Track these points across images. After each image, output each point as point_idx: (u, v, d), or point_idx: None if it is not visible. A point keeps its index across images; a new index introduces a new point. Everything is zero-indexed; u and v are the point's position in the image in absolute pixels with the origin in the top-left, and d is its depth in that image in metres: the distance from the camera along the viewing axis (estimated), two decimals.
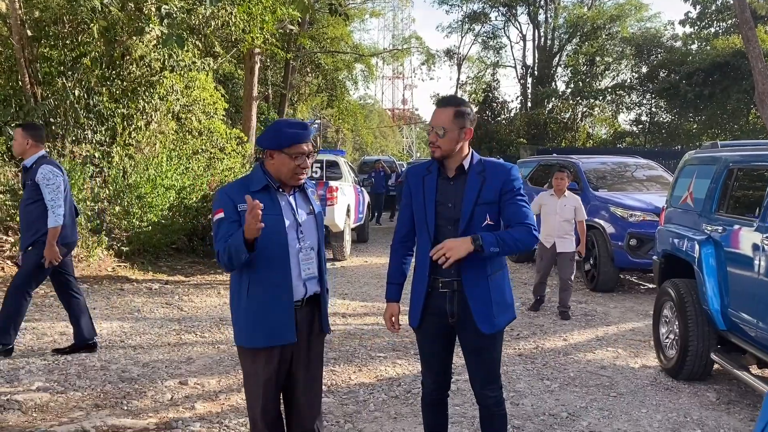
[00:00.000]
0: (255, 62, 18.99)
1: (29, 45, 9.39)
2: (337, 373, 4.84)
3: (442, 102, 2.74)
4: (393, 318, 2.89)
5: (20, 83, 9.34)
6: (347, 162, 13.50)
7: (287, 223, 2.59)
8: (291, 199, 2.66)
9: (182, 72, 11.15)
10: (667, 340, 5.20)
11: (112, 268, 8.45)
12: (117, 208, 9.07)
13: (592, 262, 8.65)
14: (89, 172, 9.06)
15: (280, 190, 2.63)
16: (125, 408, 4.00)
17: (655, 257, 5.77)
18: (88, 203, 8.74)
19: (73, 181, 8.22)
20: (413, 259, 2.95)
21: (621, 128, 26.21)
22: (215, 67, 13.84)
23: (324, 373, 2.89)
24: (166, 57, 10.43)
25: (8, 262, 7.76)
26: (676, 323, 4.98)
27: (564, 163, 10.37)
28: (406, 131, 62.27)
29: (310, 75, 29.11)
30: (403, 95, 65.21)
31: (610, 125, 26.83)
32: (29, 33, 9.41)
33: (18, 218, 7.80)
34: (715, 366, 4.83)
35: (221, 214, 2.54)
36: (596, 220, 8.60)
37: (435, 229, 2.71)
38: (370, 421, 3.96)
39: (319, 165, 12.06)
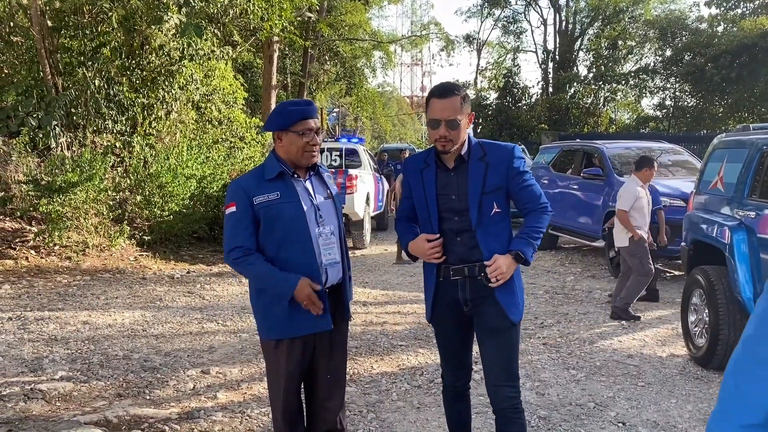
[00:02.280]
0: (273, 51, 18.96)
1: (49, 35, 9.42)
2: (359, 362, 4.80)
3: (445, 91, 2.52)
4: (430, 242, 2.62)
5: (41, 74, 9.38)
6: (366, 150, 13.42)
7: (305, 208, 2.53)
8: (307, 184, 2.61)
9: (201, 61, 11.14)
10: (696, 329, 5.08)
11: (134, 257, 8.49)
12: (138, 198, 9.10)
13: (616, 249, 8.46)
14: (110, 161, 9.09)
15: (296, 176, 2.58)
16: (147, 397, 4.00)
17: (683, 244, 5.63)
18: (110, 193, 8.78)
19: (94, 171, 8.26)
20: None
21: (644, 113, 25.77)
22: (234, 56, 13.82)
23: (348, 364, 2.84)
24: (185, 46, 10.41)
25: (32, 251, 7.82)
26: (706, 311, 4.86)
27: (589, 148, 10.19)
28: (425, 119, 62.02)
29: (328, 63, 29.02)
30: (422, 82, 64.85)
31: (633, 110, 26.40)
32: (49, 23, 9.44)
33: (41, 208, 7.88)
34: None
35: (233, 208, 2.50)
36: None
37: (438, 221, 2.59)
38: (393, 410, 3.91)
39: (338, 153, 12.00)
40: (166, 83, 10.48)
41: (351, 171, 10.43)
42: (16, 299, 6.21)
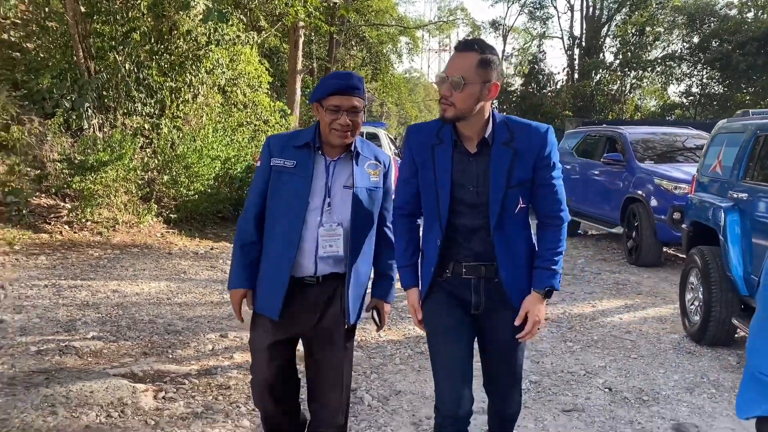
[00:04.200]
0: (299, 36, 19.24)
1: (83, 21, 9.81)
2: (367, 331, 5.10)
3: (464, 45, 2.13)
4: (415, 308, 2.35)
5: (75, 58, 9.79)
6: (387, 134, 13.68)
7: (314, 188, 2.33)
8: (332, 165, 2.38)
9: (227, 46, 11.46)
10: (692, 306, 5.28)
11: (161, 234, 8.89)
12: (165, 178, 9.50)
13: (634, 235, 8.54)
14: (139, 142, 9.49)
15: (320, 152, 2.38)
16: (170, 356, 4.35)
17: (683, 225, 5.82)
18: (139, 172, 9.19)
19: (124, 151, 8.66)
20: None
21: (670, 100, 25.55)
22: (259, 41, 14.13)
23: (357, 333, 2.69)
24: (211, 31, 10.74)
25: (66, 226, 8.27)
26: (701, 289, 5.06)
27: (611, 134, 10.25)
28: None
29: (354, 48, 29.22)
30: None
31: (659, 97, 26.18)
32: (82, 9, 9.83)
33: (74, 186, 8.31)
34: (740, 333, 4.91)
35: (259, 163, 2.47)
36: (639, 192, 8.47)
37: (449, 215, 2.19)
38: (395, 372, 4.21)
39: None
40: (194, 67, 10.84)
41: None
42: (51, 269, 6.64)
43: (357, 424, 3.40)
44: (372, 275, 2.62)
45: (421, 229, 2.38)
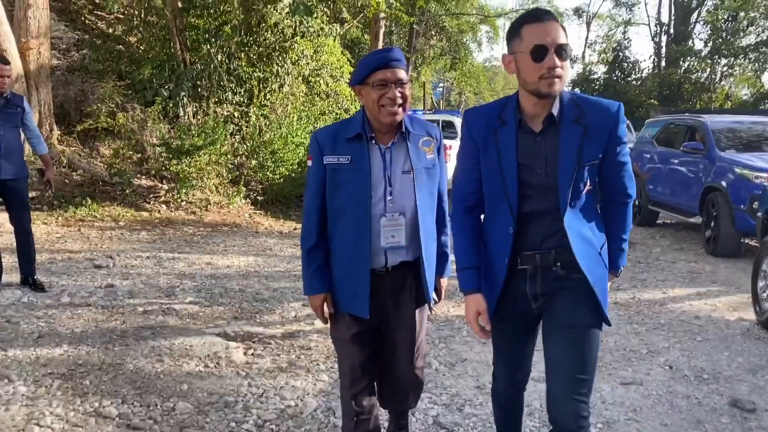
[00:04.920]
0: (380, 27, 19.64)
1: (180, 15, 10.54)
2: (437, 306, 5.41)
3: (546, 13, 1.97)
4: (481, 315, 2.16)
5: (172, 50, 10.54)
6: None
7: (374, 181, 2.27)
8: (387, 153, 2.31)
9: (311, 38, 11.98)
10: (764, 294, 5.28)
11: (249, 214, 9.50)
12: (253, 162, 10.11)
13: (712, 225, 8.42)
14: (230, 129, 10.14)
15: (373, 141, 2.31)
16: (257, 321, 4.81)
17: (759, 213, 5.78)
18: (229, 157, 9.83)
19: (216, 137, 9.30)
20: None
21: (765, 89, 24.34)
22: (342, 32, 14.58)
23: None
24: (297, 24, 11.27)
25: (163, 206, 8.99)
26: None
27: (692, 122, 10.05)
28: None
29: (434, 38, 29.33)
30: None
31: (752, 85, 24.99)
32: (180, 4, 10.56)
33: (171, 168, 9.01)
34: None
35: (310, 162, 2.37)
36: (719, 181, 8.34)
37: (518, 200, 2.05)
38: (462, 344, 4.50)
39: (436, 124, 12.55)
40: (280, 59, 11.41)
41: (446, 141, 10.95)
42: (152, 243, 7.30)
43: (426, 387, 3.71)
44: None
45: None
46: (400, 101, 2.23)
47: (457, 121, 12.98)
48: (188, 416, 3.13)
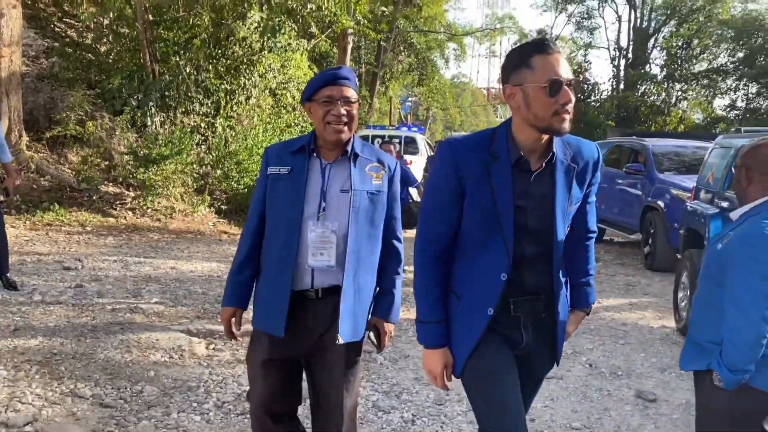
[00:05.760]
0: (348, 42, 20.15)
1: (150, 27, 10.86)
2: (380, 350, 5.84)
3: (553, 45, 1.84)
4: (447, 369, 1.98)
5: (142, 61, 10.85)
6: (425, 139, 14.41)
7: (309, 194, 2.20)
8: (328, 168, 2.24)
9: (279, 52, 12.39)
10: (682, 303, 5.86)
11: (213, 223, 9.84)
12: (218, 172, 10.45)
13: (650, 242, 9.02)
14: (196, 139, 10.48)
15: (315, 155, 2.26)
16: (219, 320, 5.16)
17: (681, 231, 6.38)
18: (194, 166, 10.17)
19: (182, 147, 9.63)
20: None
21: (715, 114, 25.53)
22: (308, 48, 15.01)
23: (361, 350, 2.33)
24: (265, 39, 11.67)
25: (130, 212, 9.27)
26: (689, 288, 5.64)
27: (635, 145, 10.69)
28: (501, 111, 62.10)
29: (402, 53, 29.93)
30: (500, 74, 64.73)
31: (704, 110, 26.17)
32: (150, 17, 10.88)
33: (138, 176, 9.30)
34: None
35: (260, 175, 2.36)
36: (657, 201, 8.97)
37: (514, 245, 1.87)
38: (406, 342, 4.95)
39: (398, 140, 13.05)
40: (247, 72, 11.80)
41: (406, 157, 11.46)
42: (118, 248, 7.60)
43: (369, 375, 4.14)
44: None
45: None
46: (345, 119, 2.19)
47: (420, 138, 13.51)
48: (155, 397, 3.52)
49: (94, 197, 9.17)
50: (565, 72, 1.79)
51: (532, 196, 1.88)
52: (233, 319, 2.32)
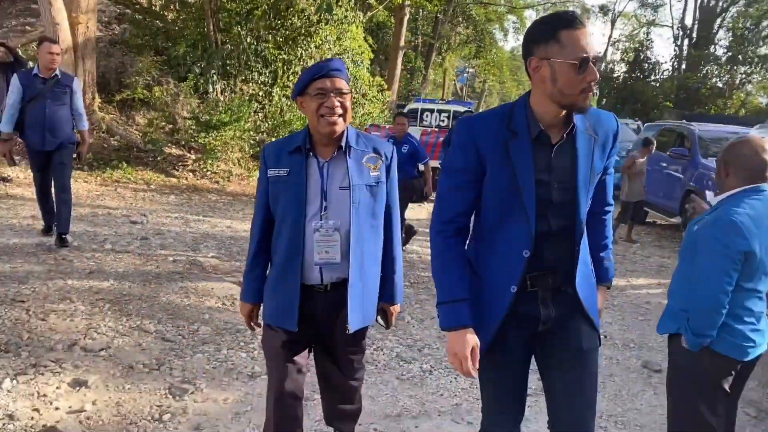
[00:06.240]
0: (405, 14, 20.33)
1: None
2: (421, 278, 6.26)
3: (580, 19, 1.81)
4: (474, 352, 1.89)
5: (206, 30, 11.41)
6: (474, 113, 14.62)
7: (310, 194, 2.23)
8: (325, 167, 2.27)
9: (336, 24, 12.78)
10: None
11: None
12: (273, 139, 10.98)
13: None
14: (254, 107, 11.03)
15: (311, 153, 2.27)
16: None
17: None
18: (251, 133, 10.74)
19: (241, 114, 10.19)
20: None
21: None
22: (365, 19, 15.32)
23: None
24: (322, 12, 12.06)
25: (191, 174, 9.93)
26: None
27: (682, 129, 10.73)
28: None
29: (461, 25, 29.80)
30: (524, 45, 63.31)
31: None
32: None
33: (199, 140, 9.92)
34: None
35: (260, 175, 2.38)
36: (698, 185, 9.04)
37: (536, 220, 1.86)
38: (435, 305, 5.36)
39: (446, 115, 13.31)
40: (304, 42, 12.24)
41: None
42: (179, 206, 8.24)
43: (396, 331, 4.60)
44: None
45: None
46: (340, 111, 2.20)
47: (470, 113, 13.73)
48: (208, 336, 4.07)
49: (159, 158, 9.85)
50: (592, 49, 1.76)
51: (554, 169, 1.86)
52: (252, 314, 2.46)
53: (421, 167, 7.14)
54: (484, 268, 1.94)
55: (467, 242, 1.99)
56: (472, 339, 1.87)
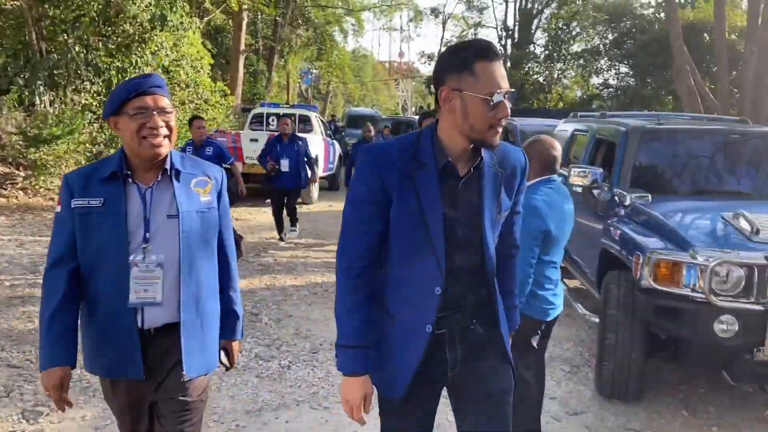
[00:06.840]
0: (242, 18, 20.21)
1: (36, 5, 10.73)
2: (278, 279, 6.46)
3: (497, 52, 1.75)
4: (367, 398, 1.85)
5: (27, 39, 10.72)
6: (318, 116, 14.93)
7: (131, 225, 1.95)
8: (148, 193, 1.99)
9: (171, 30, 12.50)
10: None
11: None
12: (112, 151, 10.58)
13: None
14: (88, 118, 10.54)
15: (130, 180, 1.99)
16: None
17: None
18: (87, 145, 10.27)
19: (74, 126, 9.73)
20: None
21: (592, 91, 27.65)
22: (201, 25, 15.11)
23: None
24: (156, 17, 11.76)
25: (21, 192, 9.33)
26: None
27: (506, 124, 11.75)
28: (403, 85, 62.89)
29: (301, 27, 30.03)
30: (400, 48, 65.58)
31: (581, 88, 28.22)
32: None
33: (29, 156, 9.32)
34: None
35: (59, 208, 2.00)
36: None
37: (445, 255, 1.78)
38: (290, 305, 5.60)
39: (291, 119, 13.49)
40: (139, 50, 11.86)
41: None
42: (12, 228, 7.76)
43: (253, 333, 4.77)
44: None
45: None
46: (165, 132, 1.96)
47: (313, 117, 14.01)
48: None
49: None
50: (506, 84, 1.70)
51: (461, 204, 1.79)
52: (64, 382, 1.95)
53: (229, 167, 7.10)
54: (396, 306, 1.83)
55: (377, 277, 1.86)
56: (365, 386, 1.82)
